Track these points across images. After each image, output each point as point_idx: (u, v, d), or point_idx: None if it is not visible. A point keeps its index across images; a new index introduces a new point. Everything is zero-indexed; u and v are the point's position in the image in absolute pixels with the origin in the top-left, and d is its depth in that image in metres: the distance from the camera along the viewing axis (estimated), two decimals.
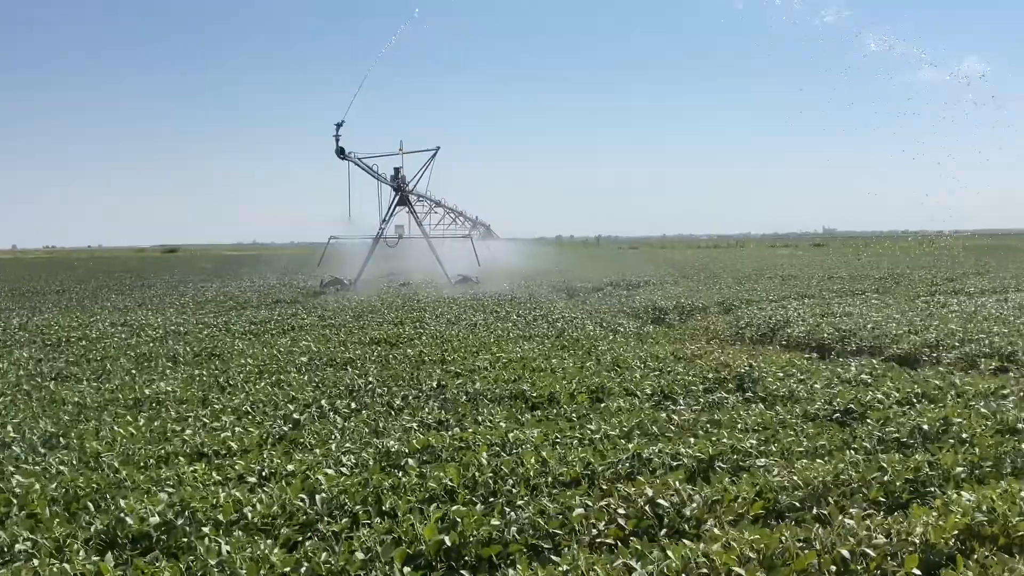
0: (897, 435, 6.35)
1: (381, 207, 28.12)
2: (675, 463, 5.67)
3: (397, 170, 28.41)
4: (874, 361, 10.16)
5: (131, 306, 20.97)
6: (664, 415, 6.93)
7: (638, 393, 8.20)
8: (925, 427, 6.44)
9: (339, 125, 21.75)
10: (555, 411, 7.48)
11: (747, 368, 9.14)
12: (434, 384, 8.45)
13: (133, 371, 10.06)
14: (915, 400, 7.58)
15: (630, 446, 5.88)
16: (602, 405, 7.73)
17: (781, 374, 8.92)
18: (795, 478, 5.22)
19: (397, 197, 28.64)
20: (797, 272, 32.36)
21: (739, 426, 6.77)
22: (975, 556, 4.22)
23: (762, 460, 5.75)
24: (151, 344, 12.62)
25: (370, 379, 8.81)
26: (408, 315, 16.58)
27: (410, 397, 7.83)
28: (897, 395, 7.66)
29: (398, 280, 30.68)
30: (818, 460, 5.66)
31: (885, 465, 5.43)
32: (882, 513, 4.91)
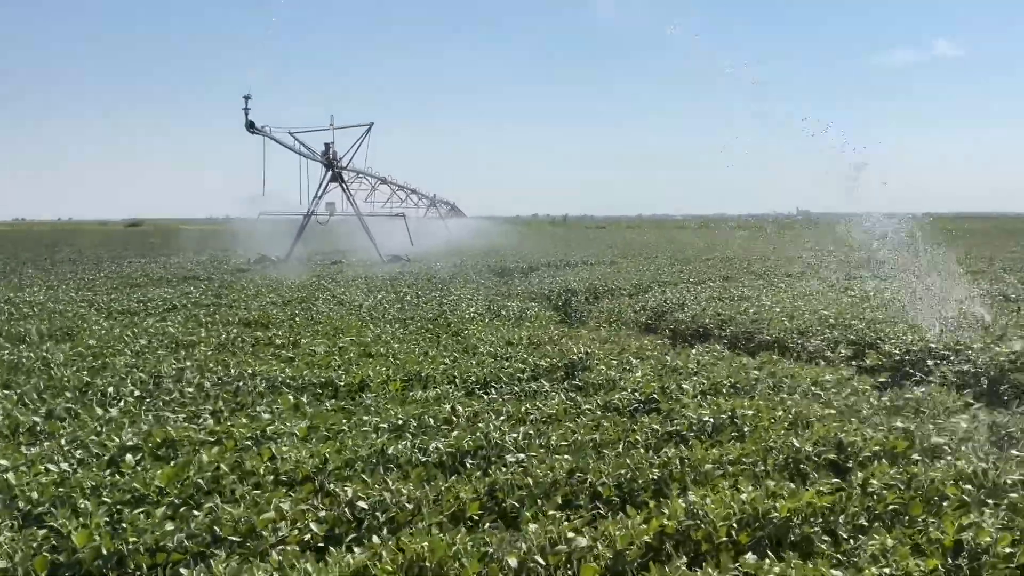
0: (676, 428, 6.15)
1: (304, 184, 27.63)
2: (424, 459, 5.42)
3: (328, 146, 27.93)
4: (717, 347, 10.00)
5: (37, 282, 20.44)
6: (448, 407, 6.65)
7: (457, 381, 7.94)
8: (708, 419, 6.23)
9: (247, 98, 21.28)
10: (356, 400, 7.21)
11: (583, 355, 8.90)
12: (249, 371, 8.13)
13: None
14: (724, 391, 7.38)
15: (379, 441, 5.62)
16: (410, 394, 7.47)
17: (615, 361, 8.70)
18: (528, 477, 4.99)
19: (328, 174, 28.16)
20: (736, 253, 32.21)
21: (531, 418, 6.53)
22: (664, 566, 4.01)
23: (520, 455, 5.51)
24: (5, 322, 12.23)
25: (186, 364, 8.48)
26: (305, 295, 16.24)
27: (206, 385, 7.51)
28: (706, 384, 7.45)
29: (331, 259, 30.28)
30: (568, 456, 5.42)
31: (629, 462, 5.21)
32: (608, 514, 4.70)
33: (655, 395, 7.06)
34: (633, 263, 28.14)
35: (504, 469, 5.22)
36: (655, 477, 5.15)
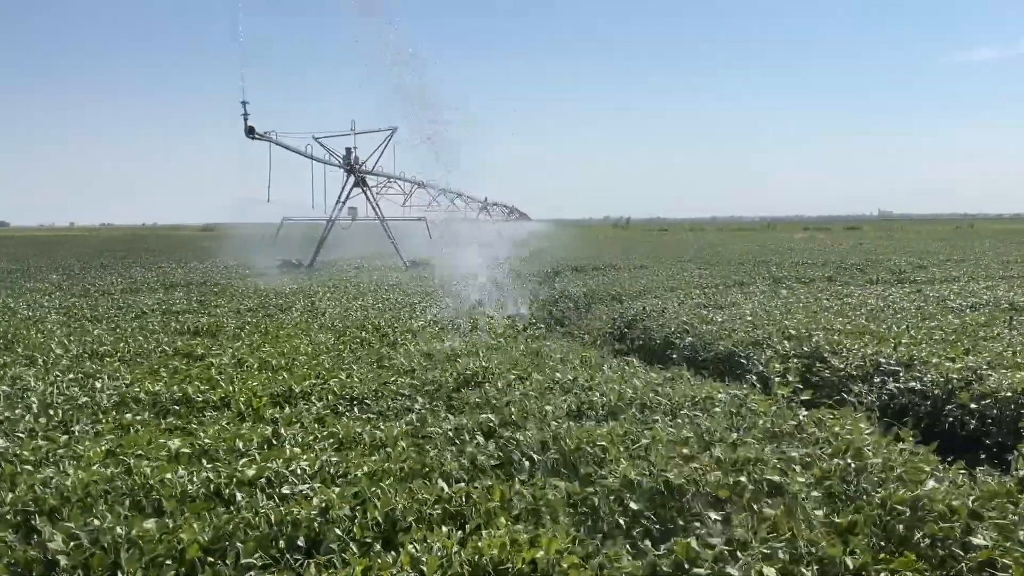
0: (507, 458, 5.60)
1: (320, 189, 27.50)
2: (195, 490, 4.99)
3: (349, 150, 27.85)
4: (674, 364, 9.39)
5: (47, 287, 20.74)
6: (272, 429, 6.20)
7: (330, 396, 7.50)
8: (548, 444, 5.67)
9: (244, 104, 21.25)
10: (200, 419, 6.83)
11: (482, 370, 8.35)
12: (123, 385, 7.83)
13: None
14: (598, 412, 6.78)
15: (154, 468, 5.20)
16: (271, 412, 7.05)
17: (514, 376, 8.13)
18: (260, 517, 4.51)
19: (349, 179, 28.09)
20: (770, 257, 31.09)
21: (361, 441, 6.05)
22: None
23: (302, 486, 5.04)
24: None
25: (59, 377, 8.24)
26: (284, 302, 16.02)
27: (55, 400, 7.21)
28: (596, 402, 6.89)
29: (354, 264, 30.20)
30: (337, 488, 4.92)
31: (406, 496, 4.70)
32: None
33: (520, 416, 6.49)
34: (663, 266, 27.35)
35: (269, 503, 4.75)
36: (431, 514, 4.63)
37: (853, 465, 5.28)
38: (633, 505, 4.81)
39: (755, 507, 4.71)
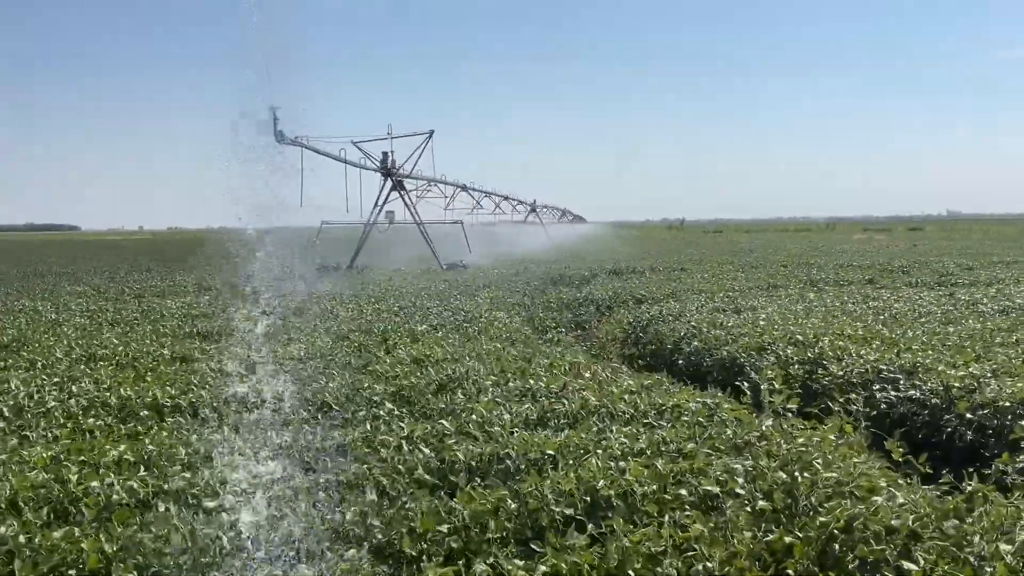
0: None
1: (354, 193, 27.60)
2: None
3: (385, 154, 27.98)
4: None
5: (80, 289, 21.19)
6: (222, 436, 6.16)
7: (299, 402, 7.45)
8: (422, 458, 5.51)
9: (274, 109, 21.27)
10: (162, 425, 6.83)
11: (462, 375, 8.22)
12: (101, 390, 7.89)
13: None
14: (555, 421, 6.59)
15: None
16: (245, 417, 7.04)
17: (489, 382, 7.98)
18: None
19: (386, 182, 28.22)
20: (816, 260, 30.34)
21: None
22: None
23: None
24: None
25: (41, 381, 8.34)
26: (310, 304, 16.08)
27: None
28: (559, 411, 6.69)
29: (392, 266, 30.32)
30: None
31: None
32: None
33: (477, 424, 6.34)
34: (702, 269, 26.90)
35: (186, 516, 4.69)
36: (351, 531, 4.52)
37: (800, 479, 5.02)
38: (557, 515, 4.66)
39: (686, 521, 4.50)
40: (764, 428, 6.05)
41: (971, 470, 6.84)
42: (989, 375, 7.98)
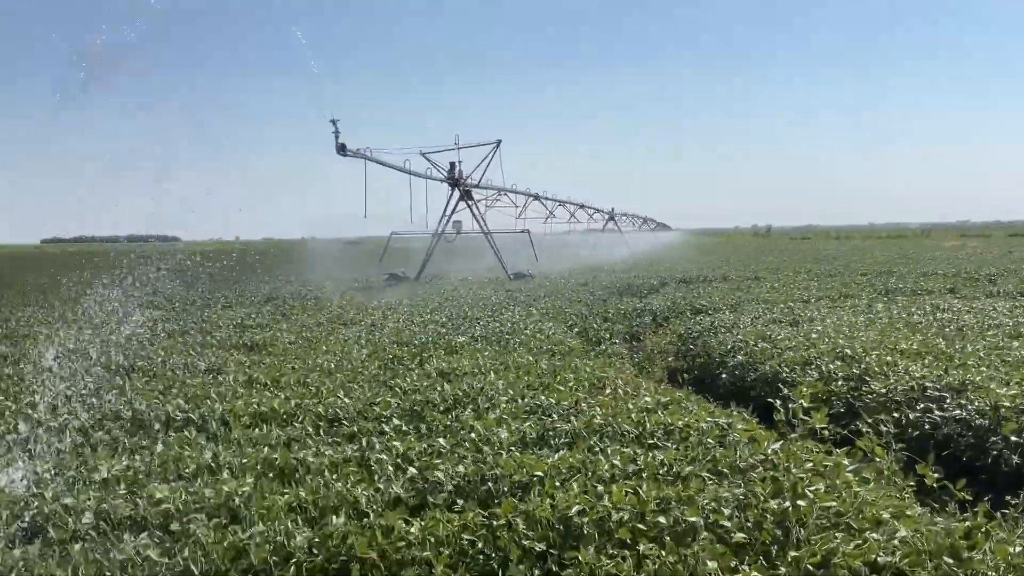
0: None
1: (420, 203, 27.67)
2: None
3: (452, 165, 28.07)
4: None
5: (162, 302, 21.74)
6: (212, 453, 6.10)
7: (311, 417, 7.37)
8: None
9: (334, 122, 21.63)
10: (166, 439, 6.83)
11: (477, 391, 8.03)
12: (117, 403, 7.97)
13: None
14: (542, 442, 6.34)
15: None
16: (251, 432, 7.00)
17: (504, 398, 7.77)
18: None
19: (454, 192, 28.31)
20: (900, 267, 29.14)
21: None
22: None
23: None
24: None
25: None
26: (358, 316, 16.17)
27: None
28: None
29: (460, 276, 30.37)
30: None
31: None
32: None
33: (472, 443, 6.15)
34: (778, 277, 26.10)
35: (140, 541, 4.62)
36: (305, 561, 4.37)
37: (791, 508, 4.66)
38: (526, 541, 4.43)
39: (649, 553, 4.22)
40: (769, 451, 5.68)
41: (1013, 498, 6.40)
42: None
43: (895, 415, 7.67)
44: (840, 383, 8.95)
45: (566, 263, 36.03)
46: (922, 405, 7.94)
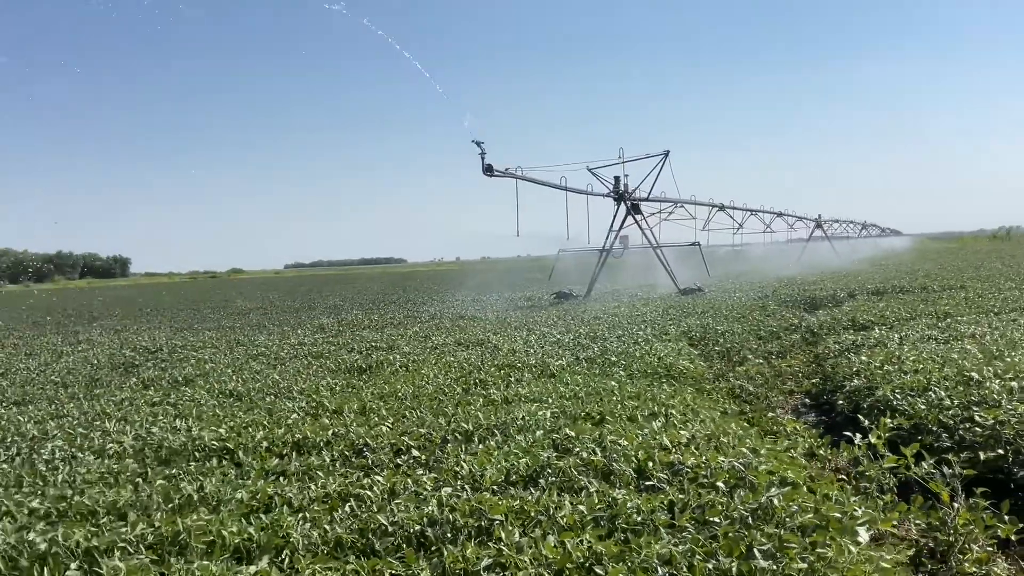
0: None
1: (580, 219, 27.17)
2: None
3: (617, 179, 27.46)
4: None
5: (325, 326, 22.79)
6: (199, 485, 6.05)
7: (342, 446, 7.24)
8: None
9: (479, 143, 21.56)
10: (188, 468, 6.92)
11: (502, 421, 7.57)
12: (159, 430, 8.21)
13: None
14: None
15: None
16: (276, 462, 6.99)
17: (517, 427, 7.26)
18: None
19: (619, 207, 27.70)
20: None
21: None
22: None
23: None
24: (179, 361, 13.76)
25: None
26: (488, 336, 16.05)
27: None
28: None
29: (629, 291, 29.61)
30: None
31: None
32: None
33: (449, 476, 5.75)
34: (988, 286, 23.41)
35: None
36: None
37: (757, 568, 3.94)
38: None
39: None
40: (768, 498, 4.87)
41: None
42: None
43: (987, 452, 6.47)
44: (952, 412, 7.72)
45: (753, 276, 34.30)
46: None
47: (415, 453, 6.86)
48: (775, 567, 4.05)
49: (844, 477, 6.68)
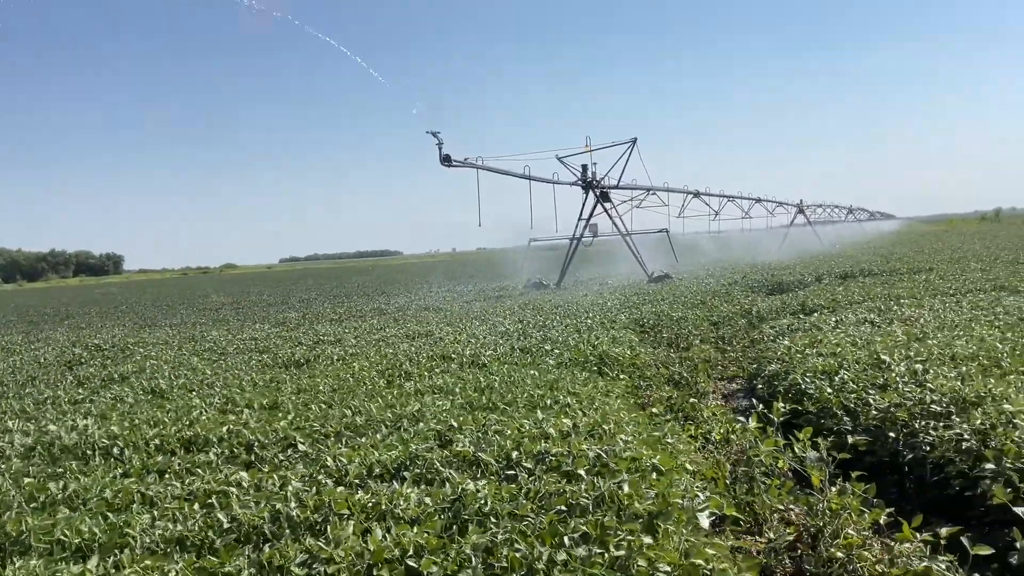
0: None
1: (546, 210, 27.10)
2: None
3: (585, 167, 27.37)
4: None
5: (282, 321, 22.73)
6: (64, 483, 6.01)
7: (236, 443, 7.20)
8: None
9: (434, 134, 21.41)
10: (69, 466, 6.87)
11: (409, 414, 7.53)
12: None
13: None
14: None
15: None
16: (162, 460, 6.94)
17: (408, 419, 7.22)
18: None
19: (588, 196, 27.62)
20: None
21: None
22: None
23: None
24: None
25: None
26: (434, 328, 16.01)
27: None
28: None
29: (600, 280, 29.58)
30: None
31: None
32: None
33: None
34: (956, 268, 23.36)
35: None
36: None
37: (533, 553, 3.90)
38: None
39: None
40: (618, 484, 4.83)
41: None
42: None
43: (856, 436, 6.44)
44: (854, 395, 7.69)
45: (729, 262, 34.27)
46: (921, 423, 6.64)
47: (301, 448, 6.82)
48: (588, 554, 4.01)
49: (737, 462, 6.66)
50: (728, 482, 6.23)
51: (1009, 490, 5.32)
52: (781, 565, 5.27)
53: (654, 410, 8.72)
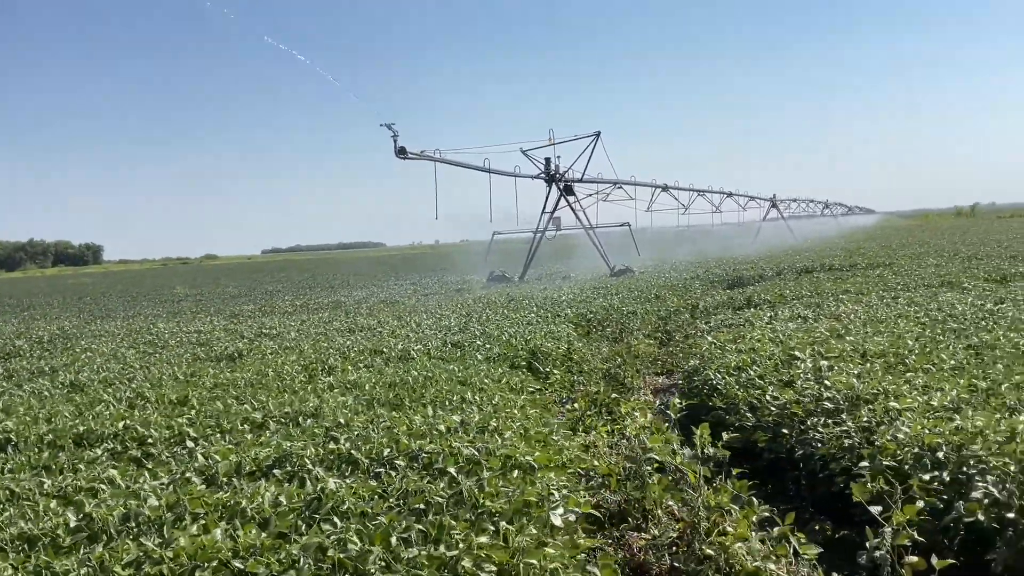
0: None
1: (510, 204, 27.06)
2: None
3: (548, 160, 27.31)
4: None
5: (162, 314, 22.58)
6: None
7: (128, 439, 7.10)
8: None
9: (389, 126, 21.31)
10: None
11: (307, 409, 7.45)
12: None
13: None
14: None
15: None
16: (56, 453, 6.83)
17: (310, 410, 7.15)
18: None
19: (551, 189, 27.56)
20: None
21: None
22: None
23: None
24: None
25: None
26: (380, 321, 15.93)
27: None
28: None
29: (563, 274, 29.55)
30: None
31: None
32: None
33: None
34: (915, 263, 23.44)
35: None
36: None
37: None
38: None
39: None
40: (478, 482, 4.77)
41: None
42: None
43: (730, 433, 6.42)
44: (758, 392, 7.68)
45: (696, 257, 34.29)
46: (813, 420, 6.62)
47: (189, 445, 6.74)
48: (420, 553, 3.96)
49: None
50: (619, 479, 6.21)
51: (878, 486, 5.32)
52: (660, 562, 5.23)
53: (576, 405, 8.71)
